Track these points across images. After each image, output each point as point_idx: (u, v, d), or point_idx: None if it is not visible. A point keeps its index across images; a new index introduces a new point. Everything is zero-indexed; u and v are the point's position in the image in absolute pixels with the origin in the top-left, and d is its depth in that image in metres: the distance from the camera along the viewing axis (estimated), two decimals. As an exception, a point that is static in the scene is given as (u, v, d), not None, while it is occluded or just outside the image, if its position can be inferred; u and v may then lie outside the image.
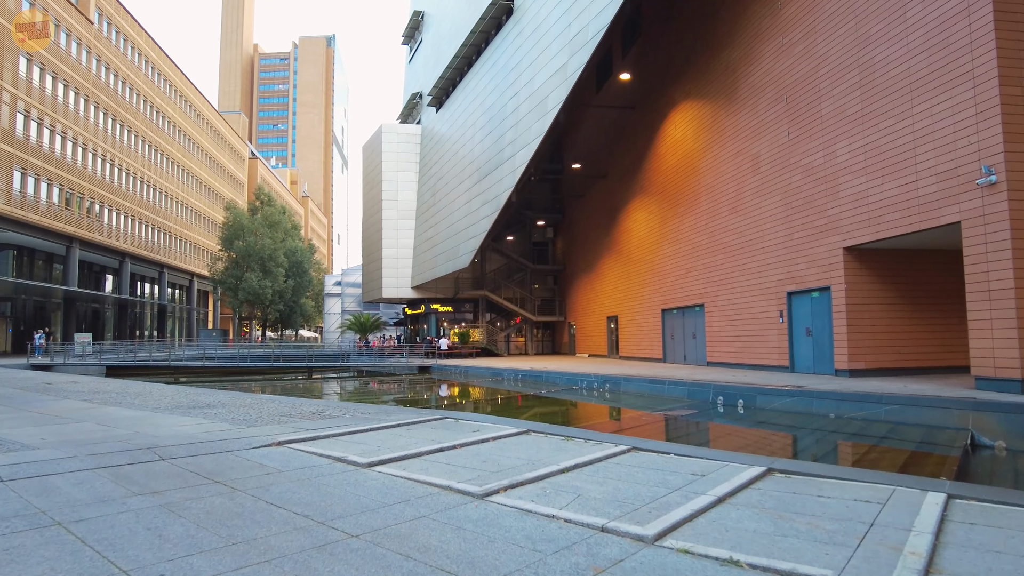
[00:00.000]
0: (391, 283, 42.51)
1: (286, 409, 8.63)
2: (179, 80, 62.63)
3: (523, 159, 26.12)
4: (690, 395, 15.51)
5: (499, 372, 24.62)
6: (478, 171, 31.27)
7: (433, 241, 37.89)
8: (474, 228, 31.24)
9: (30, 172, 38.41)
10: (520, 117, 26.96)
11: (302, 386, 25.07)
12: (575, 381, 19.63)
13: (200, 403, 9.52)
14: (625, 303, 30.48)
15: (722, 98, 21.97)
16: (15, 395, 11.44)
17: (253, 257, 55.51)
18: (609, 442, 6.41)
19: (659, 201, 26.89)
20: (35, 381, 14.82)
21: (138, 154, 52.74)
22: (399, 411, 8.39)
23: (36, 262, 44.18)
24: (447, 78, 36.84)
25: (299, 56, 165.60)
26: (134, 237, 51.76)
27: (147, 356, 32.59)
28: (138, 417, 7.73)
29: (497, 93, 29.79)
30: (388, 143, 42.31)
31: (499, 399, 17.01)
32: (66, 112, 42.27)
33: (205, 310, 75.46)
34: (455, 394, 20.50)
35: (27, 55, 38.61)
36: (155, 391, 11.89)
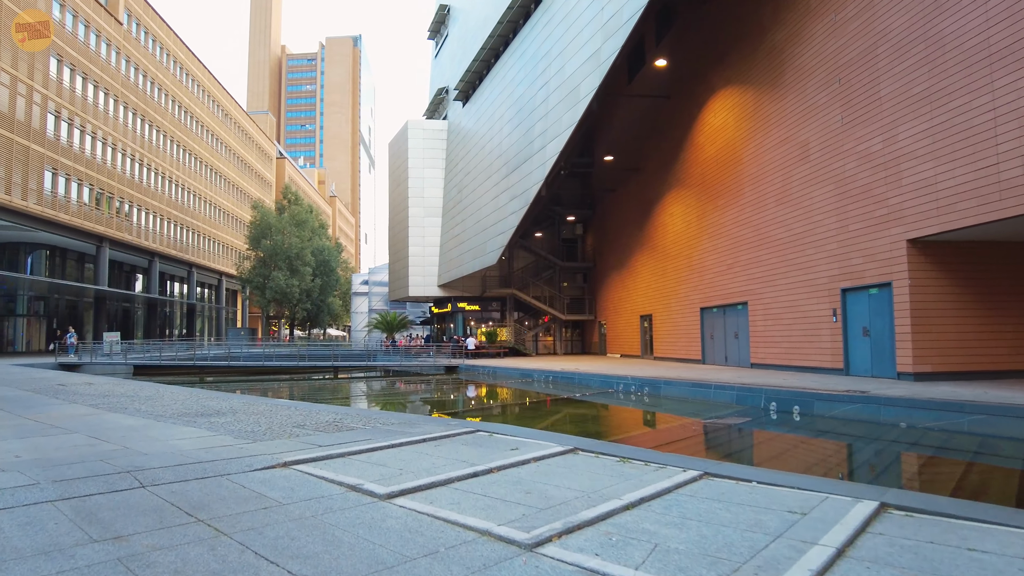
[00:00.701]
0: (417, 281, 41.81)
1: (300, 418, 7.76)
2: (207, 80, 62.88)
3: (554, 151, 25.08)
4: (739, 400, 14.34)
5: (529, 373, 23.65)
6: (506, 165, 30.31)
7: (460, 238, 37.06)
8: (502, 224, 30.29)
9: (61, 172, 38.55)
10: (550, 107, 25.92)
11: (326, 387, 24.41)
12: (611, 384, 18.56)
13: (209, 410, 8.71)
14: (660, 301, 29.25)
15: (766, 83, 20.66)
16: (23, 398, 10.82)
17: (280, 256, 55.38)
18: (675, 465, 5.38)
19: (697, 194, 25.63)
20: (51, 382, 14.28)
21: (167, 154, 52.94)
22: (425, 421, 7.45)
23: (68, 262, 44.51)
24: (473, 71, 35.96)
25: (326, 56, 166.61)
26: (163, 237, 51.96)
27: (173, 356, 32.34)
28: (136, 427, 6.92)
29: (526, 84, 28.79)
30: (414, 139, 41.58)
31: (532, 404, 16.03)
32: (96, 112, 42.42)
33: (234, 309, 75.90)
34: (484, 398, 19.57)
35: (57, 56, 38.78)
36: (168, 395, 11.16)
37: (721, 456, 9.12)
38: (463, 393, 21.49)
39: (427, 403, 18.21)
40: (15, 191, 34.61)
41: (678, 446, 9.73)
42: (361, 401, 19.03)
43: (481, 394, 21.00)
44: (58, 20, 38.94)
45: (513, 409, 14.73)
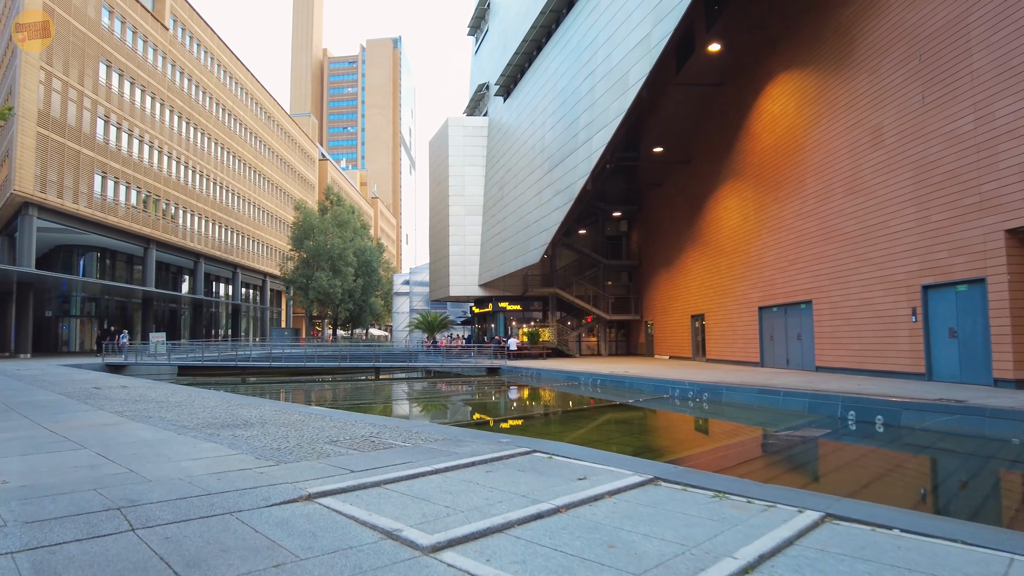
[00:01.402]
0: (458, 281, 41.13)
1: (333, 431, 6.92)
2: (251, 83, 63.61)
3: (600, 142, 23.95)
4: (811, 408, 13.04)
5: (575, 376, 22.60)
6: (549, 160, 29.28)
7: (501, 236, 36.20)
8: (545, 221, 29.28)
9: (110, 175, 39.17)
10: (596, 97, 24.79)
11: (366, 389, 23.83)
12: (665, 388, 17.37)
13: (236, 420, 7.98)
14: (714, 300, 27.81)
15: (832, 65, 19.15)
16: (54, 403, 10.35)
17: (323, 256, 55.54)
18: (786, 504, 4.31)
19: (754, 186, 24.16)
20: (89, 384, 13.92)
21: (211, 156, 53.61)
22: (473, 437, 6.51)
23: (118, 263, 45.36)
24: (515, 65, 35.05)
25: (366, 59, 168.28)
26: (208, 238, 52.62)
27: (216, 356, 32.34)
28: (152, 442, 6.18)
29: (570, 75, 27.71)
30: (454, 137, 40.91)
31: (582, 411, 14.97)
32: (143, 116, 43.05)
33: (278, 309, 76.82)
34: (531, 404, 18.60)
35: (107, 62, 39.43)
36: (198, 401, 10.54)
37: (812, 479, 7.95)
38: (507, 398, 20.58)
39: (470, 408, 17.35)
40: (67, 194, 35.23)
41: (762, 467, 8.58)
42: (402, 406, 18.28)
43: (526, 399, 20.05)
44: (107, 27, 39.60)
45: (564, 418, 13.71)
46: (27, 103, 32.86)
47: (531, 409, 16.58)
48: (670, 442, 10.69)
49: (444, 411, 15.90)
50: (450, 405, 17.71)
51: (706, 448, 9.98)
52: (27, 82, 32.92)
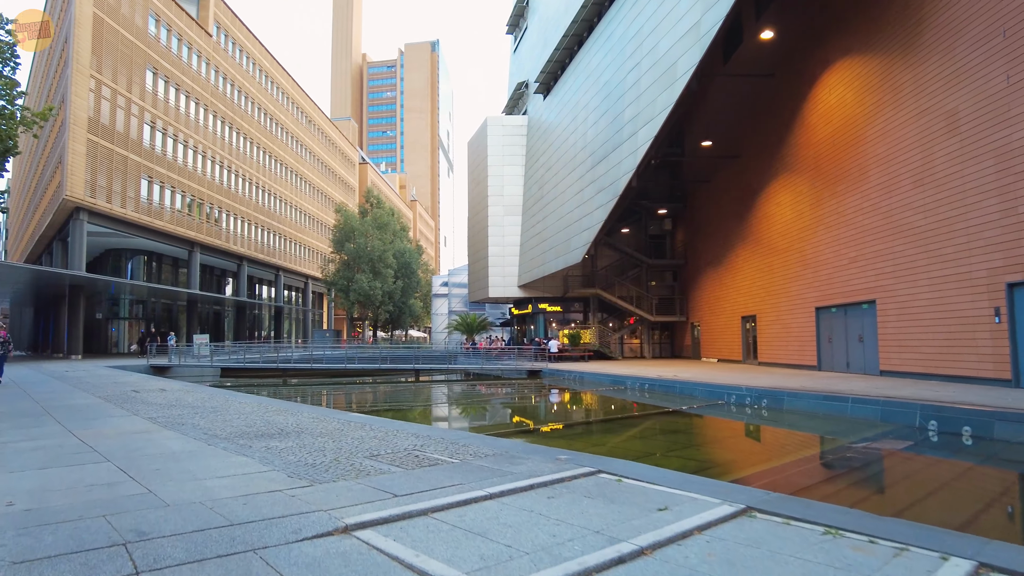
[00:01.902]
0: (497, 282, 40.58)
1: (374, 443, 6.34)
2: (292, 88, 64.38)
3: (646, 136, 23.04)
4: (884, 417, 11.98)
5: (620, 380, 21.73)
6: (591, 156, 28.46)
7: (541, 236, 35.49)
8: (587, 220, 28.46)
9: (156, 180, 39.86)
10: (642, 90, 23.90)
11: (407, 391, 23.42)
12: (719, 394, 16.41)
13: (271, 429, 7.48)
14: (766, 300, 26.58)
15: (897, 49, 17.90)
16: (90, 407, 10.09)
17: (363, 258, 55.74)
18: (921, 547, 3.51)
19: (810, 180, 22.93)
20: (129, 387, 13.76)
21: (254, 160, 54.32)
22: (527, 453, 5.83)
23: (163, 266, 46.20)
24: (555, 61, 34.32)
25: (405, 63, 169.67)
26: (251, 241, 53.31)
27: (258, 358, 32.46)
28: (179, 455, 5.69)
29: (613, 68, 26.85)
30: (493, 136, 40.39)
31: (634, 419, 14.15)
32: (187, 121, 43.76)
33: (320, 311, 77.65)
34: (578, 410, 17.85)
35: (153, 69, 40.15)
36: (235, 406, 10.14)
37: (922, 508, 7.01)
38: (552, 403, 19.88)
39: (515, 414, 16.71)
40: (115, 199, 35.93)
41: (855, 489, 7.67)
42: (444, 411, 17.73)
43: (572, 405, 19.31)
44: (153, 34, 40.35)
45: (615, 427, 12.92)
46: (78, 110, 33.60)
47: (579, 416, 15.82)
48: (737, 455, 9.83)
49: (489, 418, 15.27)
50: (494, 411, 17.09)
51: (780, 463, 9.09)
52: (78, 90, 33.66)
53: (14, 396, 12.18)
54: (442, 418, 15.17)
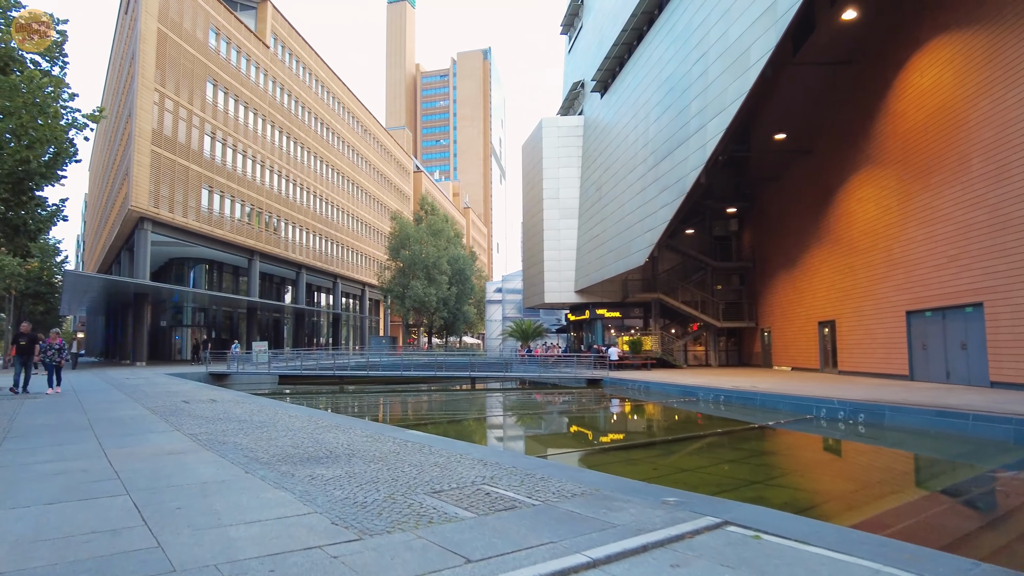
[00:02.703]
0: (553, 287, 39.44)
1: (435, 473, 5.34)
2: (348, 98, 65.08)
3: (716, 129, 21.54)
4: (1018, 439, 10.29)
5: (691, 391, 20.24)
6: (654, 154, 27.07)
7: (599, 239, 34.19)
8: (650, 220, 27.06)
9: (216, 190, 40.52)
10: (709, 82, 22.43)
11: (465, 401, 22.54)
12: (807, 407, 14.83)
13: (320, 450, 6.60)
14: (847, 304, 24.59)
15: (1008, 21, 15.98)
16: (135, 419, 9.53)
17: (418, 265, 55.60)
18: None
19: (897, 173, 20.99)
20: (179, 398, 13.31)
21: (311, 170, 54.96)
22: (622, 491, 4.72)
23: (224, 275, 47.06)
24: (613, 58, 33.07)
25: (457, 71, 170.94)
26: (309, 249, 53.88)
27: (315, 365, 32.30)
28: (210, 486, 4.84)
29: (677, 60, 25.44)
30: (548, 138, 39.38)
31: (720, 437, 12.76)
32: (246, 132, 44.46)
33: (376, 318, 78.22)
34: (652, 425, 16.51)
35: (213, 81, 40.92)
36: (284, 420, 9.38)
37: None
38: (621, 416, 18.60)
39: (584, 429, 15.55)
40: (177, 209, 36.60)
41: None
42: (507, 425, 16.71)
43: (644, 418, 17.97)
44: (214, 48, 41.14)
45: (701, 447, 11.56)
46: (143, 123, 34.38)
47: (655, 432, 14.45)
48: (854, 485, 8.40)
49: (556, 434, 14.14)
50: (560, 426, 15.93)
51: (914, 497, 7.64)
52: (143, 103, 34.45)
53: (67, 406, 11.84)
54: (507, 435, 14.12)
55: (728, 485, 7.82)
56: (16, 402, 12.68)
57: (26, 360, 14.81)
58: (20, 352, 14.71)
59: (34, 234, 14.87)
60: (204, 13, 40.23)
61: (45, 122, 11.06)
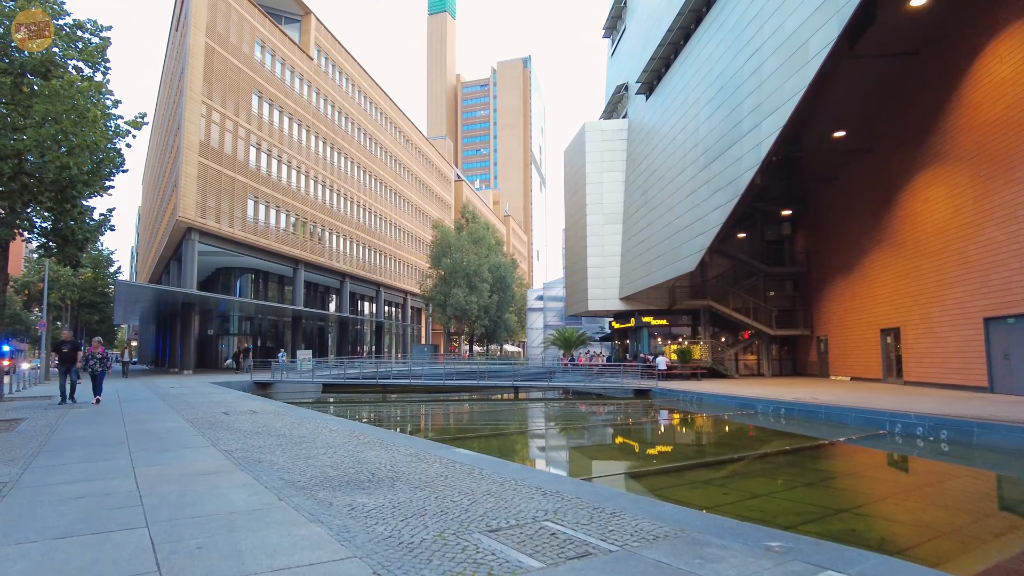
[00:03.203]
0: (597, 294, 38.50)
1: (490, 505, 4.69)
2: (389, 108, 65.54)
3: (772, 127, 20.46)
4: None
5: (748, 403, 19.15)
6: (705, 155, 26.04)
7: (646, 245, 33.18)
8: (701, 224, 26.00)
9: (261, 200, 41.00)
10: (764, 78, 21.37)
11: (509, 411, 21.88)
12: (878, 422, 13.69)
13: (361, 471, 6.03)
14: (913, 310, 23.10)
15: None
16: (172, 432, 9.19)
17: (459, 273, 55.36)
18: None
19: (971, 169, 19.58)
20: (219, 408, 13.02)
21: (354, 179, 55.37)
22: (714, 532, 3.98)
23: (270, 284, 47.61)
24: (658, 58, 32.15)
25: (498, 81, 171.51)
26: (353, 258, 54.21)
27: (358, 373, 32.15)
28: (239, 518, 4.30)
29: (728, 57, 24.42)
30: (591, 142, 38.60)
31: (792, 456, 11.76)
32: (291, 143, 44.97)
33: (418, 326, 78.41)
34: (712, 441, 15.53)
35: (258, 93, 41.51)
36: (324, 434, 8.88)
37: None
38: (676, 430, 17.66)
39: (641, 445, 14.72)
40: (223, 219, 37.10)
41: None
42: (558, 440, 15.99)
43: (701, 433, 16.97)
44: (259, 60, 41.76)
45: (772, 468, 10.55)
46: (190, 135, 34.98)
47: (717, 450, 13.39)
48: (964, 519, 7.37)
49: (612, 452, 13.27)
50: (613, 441, 15.09)
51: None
52: (191, 115, 35.07)
53: (106, 417, 11.65)
54: (559, 453, 13.35)
55: (811, 514, 6.96)
56: (61, 412, 12.58)
57: (69, 368, 14.57)
58: (63, 360, 14.53)
59: (82, 244, 14.89)
60: (250, 27, 40.90)
61: (86, 128, 10.91)
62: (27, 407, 13.90)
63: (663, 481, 8.99)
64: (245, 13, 40.49)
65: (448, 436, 14.50)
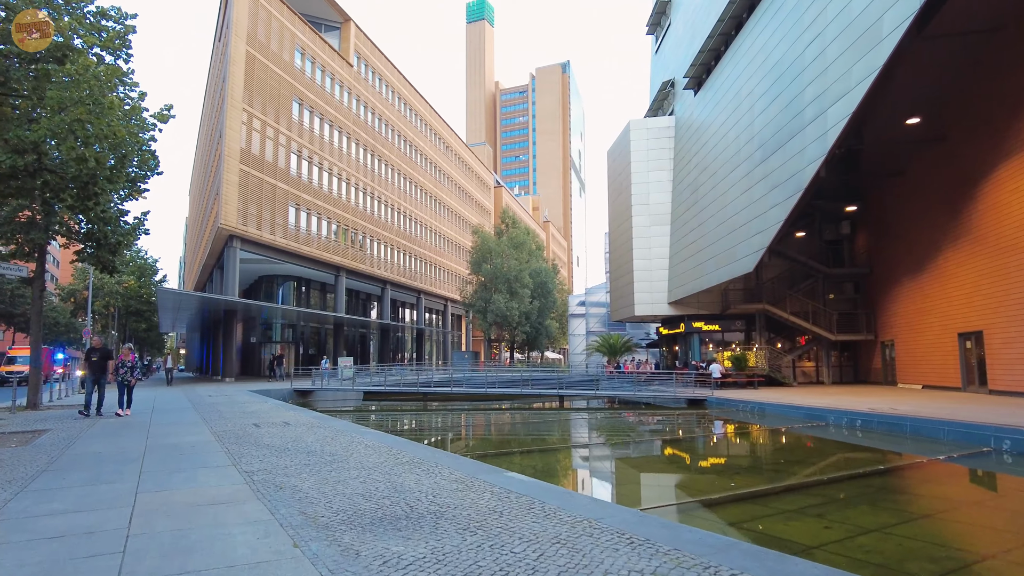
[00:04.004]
0: (644, 299, 36.99)
1: (563, 560, 3.57)
2: (429, 115, 65.25)
3: (839, 116, 18.84)
4: None
5: (818, 414, 17.55)
6: (762, 148, 24.47)
7: (697, 246, 31.61)
8: (759, 222, 24.40)
9: (302, 207, 40.84)
10: (828, 63, 19.77)
11: (557, 422, 20.68)
12: (981, 438, 12.05)
13: (397, 505, 4.98)
14: (999, 312, 21.08)
15: None
16: (194, 448, 8.35)
17: (500, 279, 54.41)
18: None
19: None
20: (251, 420, 12.23)
21: (394, 186, 55.08)
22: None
23: (312, 291, 47.49)
24: (708, 51, 30.65)
25: (536, 86, 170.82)
26: (393, 265, 53.84)
27: (399, 380, 31.41)
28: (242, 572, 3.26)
29: (787, 44, 22.86)
30: (637, 141, 37.22)
31: (890, 477, 10.28)
32: (331, 150, 44.82)
33: (458, 333, 77.77)
34: (791, 458, 14.03)
35: (299, 100, 41.46)
36: (358, 455, 7.88)
37: None
38: (744, 446, 16.18)
39: (711, 465, 13.36)
40: (265, 226, 36.98)
41: None
42: (619, 461, 14.74)
43: (774, 450, 15.45)
44: (299, 67, 41.72)
45: (875, 494, 9.14)
46: (231, 142, 34.97)
47: (799, 470, 11.68)
48: None
49: (683, 473, 11.91)
50: (678, 459, 13.67)
51: None
52: (231, 123, 35.08)
53: (131, 429, 10.93)
54: (625, 476, 12.04)
55: (949, 562, 5.62)
56: (84, 424, 11.93)
57: (99, 378, 13.66)
58: (92, 369, 13.65)
59: (115, 247, 14.37)
60: (290, 34, 40.92)
61: (103, 115, 10.23)
62: (57, 417, 13.38)
63: (749, 510, 7.70)
64: (286, 21, 40.53)
65: (495, 451, 13.38)
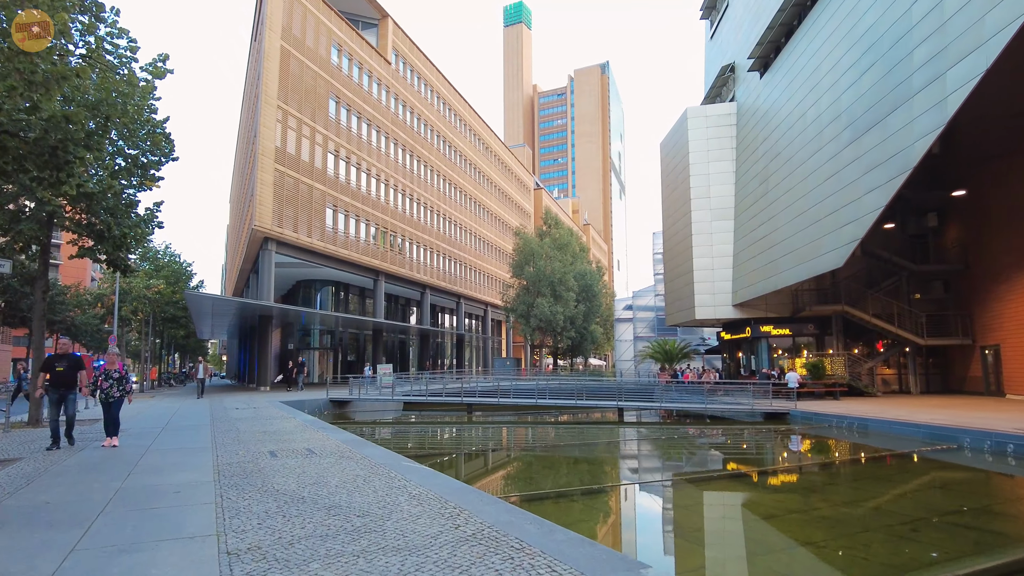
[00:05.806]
0: (705, 300, 34.07)
1: None
2: (468, 115, 63.38)
3: (966, 76, 15.79)
4: None
5: (945, 434, 14.56)
6: (850, 127, 21.50)
7: (767, 242, 28.62)
8: (850, 210, 21.39)
9: (340, 209, 39.19)
10: (947, 16, 16.79)
11: (621, 442, 18.09)
12: None
13: None
14: None
15: None
16: (180, 493, 6.18)
17: (543, 282, 51.87)
18: None
19: None
20: (268, 446, 10.03)
21: (434, 188, 53.24)
22: None
23: (350, 296, 45.85)
24: (778, 26, 27.75)
25: (575, 89, 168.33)
26: (433, 269, 51.93)
27: (441, 389, 29.20)
28: None
29: (884, 4, 19.88)
30: (695, 130, 34.41)
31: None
32: (369, 150, 43.16)
33: (499, 339, 75.51)
34: (939, 497, 11.21)
35: (335, 98, 39.89)
36: (396, 515, 5.56)
37: None
38: (863, 476, 13.28)
39: (853, 508, 10.66)
40: (301, 228, 35.37)
41: None
42: (747, 502, 12.12)
43: (910, 484, 12.51)
44: (335, 64, 40.18)
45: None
46: (266, 140, 33.47)
47: (987, 521, 9.07)
48: None
49: (834, 524, 9.26)
50: (802, 496, 10.99)
51: None
52: (266, 121, 33.58)
53: (111, 463, 8.47)
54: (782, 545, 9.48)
55: None
56: (58, 456, 9.16)
57: (64, 395, 9.94)
58: (55, 383, 9.89)
59: (120, 241, 12.48)
60: (327, 30, 39.43)
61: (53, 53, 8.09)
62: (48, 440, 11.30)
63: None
64: (322, 16, 39.06)
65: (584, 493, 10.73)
